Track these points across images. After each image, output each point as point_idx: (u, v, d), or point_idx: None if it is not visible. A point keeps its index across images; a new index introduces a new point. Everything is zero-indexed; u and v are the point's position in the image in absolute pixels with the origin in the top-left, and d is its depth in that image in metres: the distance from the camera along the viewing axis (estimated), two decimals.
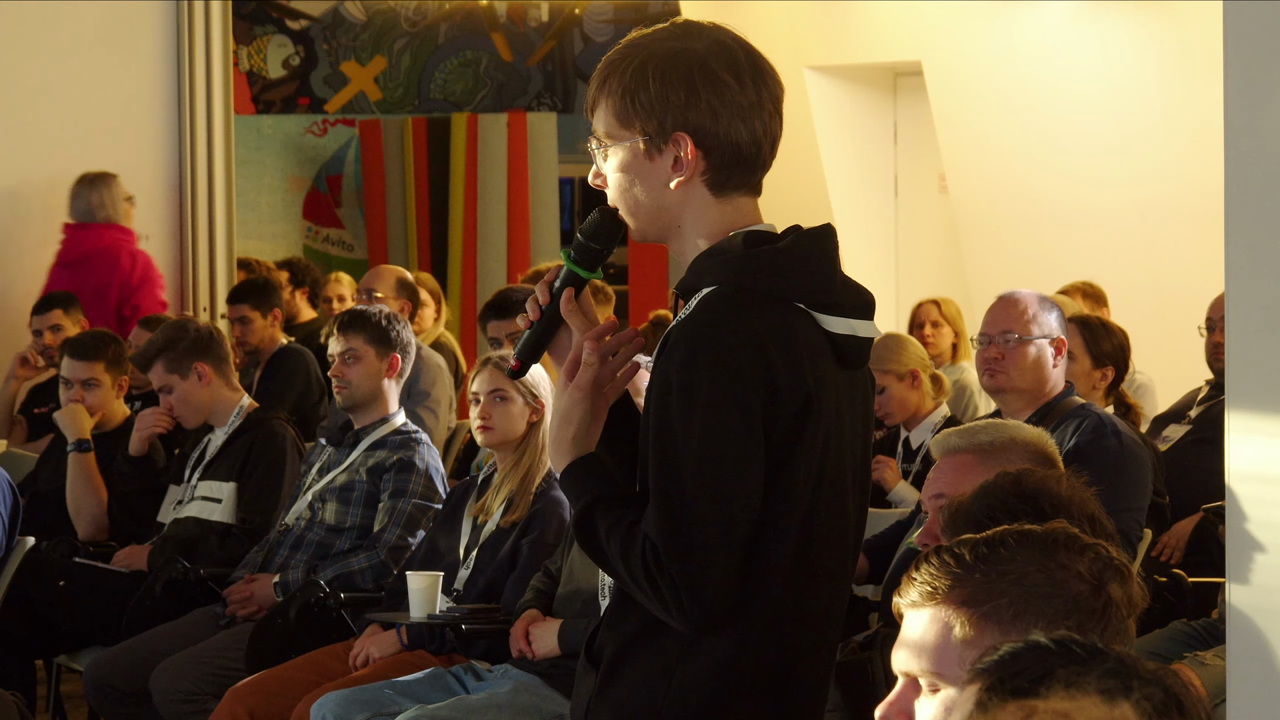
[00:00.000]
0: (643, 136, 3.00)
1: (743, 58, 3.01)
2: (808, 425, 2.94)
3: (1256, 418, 3.47)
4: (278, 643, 6.14)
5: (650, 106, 2.99)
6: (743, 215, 3.04)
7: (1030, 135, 10.75)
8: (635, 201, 3.04)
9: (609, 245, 3.10)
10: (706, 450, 2.89)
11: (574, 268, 3.10)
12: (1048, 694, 1.85)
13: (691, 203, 3.02)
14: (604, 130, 3.04)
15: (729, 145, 3.00)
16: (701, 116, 2.98)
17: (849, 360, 3.03)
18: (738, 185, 3.03)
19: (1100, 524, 3.25)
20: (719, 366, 2.89)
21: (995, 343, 5.86)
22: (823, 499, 3.00)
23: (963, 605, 2.29)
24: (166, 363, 7.00)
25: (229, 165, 10.58)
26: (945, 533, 3.27)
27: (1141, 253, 10.28)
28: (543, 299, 3.11)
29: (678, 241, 3.06)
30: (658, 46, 3.01)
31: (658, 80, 2.98)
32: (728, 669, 2.97)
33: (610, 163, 3.05)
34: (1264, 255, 3.42)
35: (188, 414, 7.03)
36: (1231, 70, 3.44)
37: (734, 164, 3.01)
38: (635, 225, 3.07)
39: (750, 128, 3.00)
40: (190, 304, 10.42)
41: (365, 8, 15.46)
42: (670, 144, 2.99)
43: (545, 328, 3.13)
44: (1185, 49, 10.03)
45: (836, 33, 11.77)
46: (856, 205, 11.90)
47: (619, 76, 3.01)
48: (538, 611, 5.60)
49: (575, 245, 3.11)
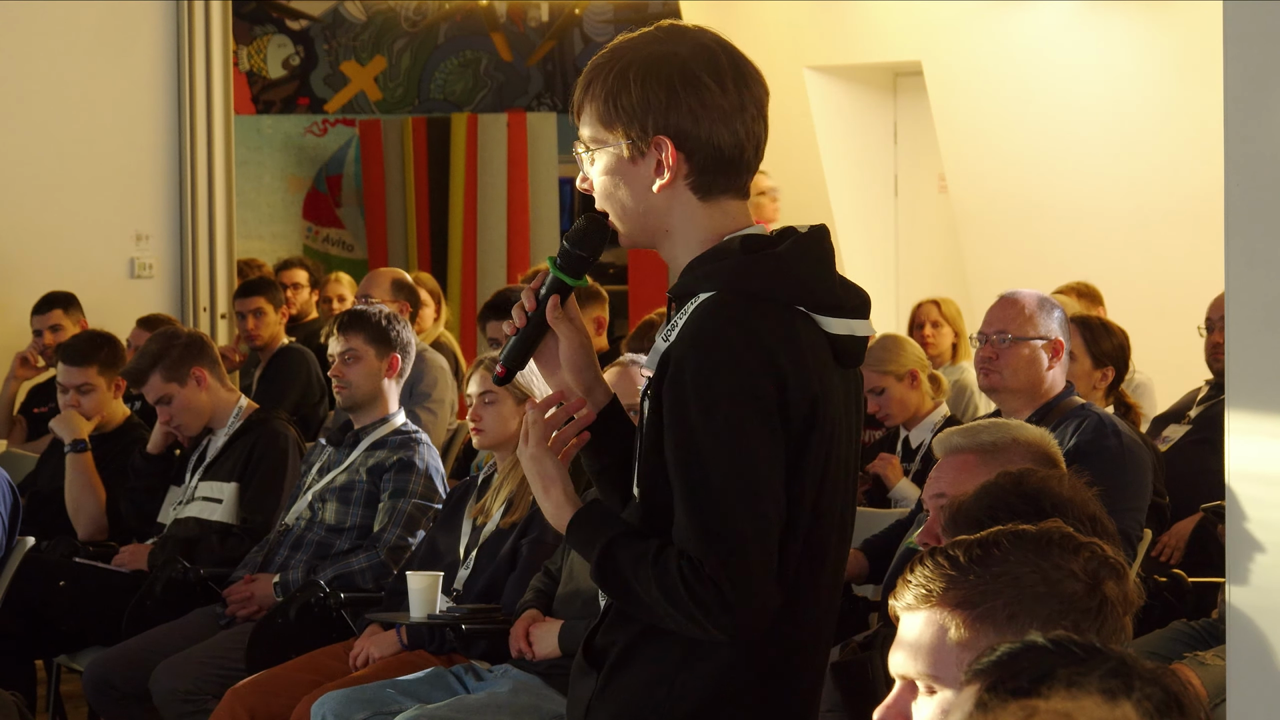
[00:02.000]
0: (626, 140, 3.00)
1: (725, 61, 3.00)
2: (816, 429, 2.95)
3: (1256, 418, 3.47)
4: (278, 643, 6.13)
5: (632, 110, 2.98)
6: (732, 219, 3.04)
7: (1030, 135, 10.75)
8: (621, 206, 3.04)
9: (595, 252, 3.09)
10: (735, 459, 2.88)
11: (560, 274, 3.09)
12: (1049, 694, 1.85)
13: (678, 207, 3.02)
14: (589, 134, 3.04)
15: (710, 148, 2.99)
16: (682, 119, 2.98)
17: (846, 360, 3.04)
18: (724, 188, 3.02)
19: (1101, 524, 3.25)
20: (734, 375, 2.89)
21: (991, 342, 5.86)
22: (824, 500, 3.01)
23: (958, 607, 2.29)
24: (163, 373, 6.97)
25: (229, 165, 10.58)
26: (946, 532, 3.27)
27: (1141, 252, 10.28)
28: (529, 305, 3.10)
29: (667, 246, 3.05)
30: (641, 50, 3.00)
31: (639, 84, 2.98)
32: (730, 670, 2.98)
33: (596, 167, 3.05)
34: (1264, 255, 3.42)
35: (189, 420, 7.02)
36: (1231, 70, 3.44)
37: (717, 167, 3.00)
38: (623, 230, 3.07)
39: (732, 130, 3.00)
40: (190, 304, 10.42)
41: (365, 8, 15.46)
42: (652, 147, 2.99)
43: (531, 334, 3.12)
44: (1185, 49, 10.03)
45: (836, 33, 11.77)
46: (856, 205, 11.90)
47: (602, 80, 3.01)
48: (538, 612, 5.60)
49: (561, 252, 3.10)
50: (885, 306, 11.47)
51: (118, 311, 9.62)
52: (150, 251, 10.28)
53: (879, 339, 7.47)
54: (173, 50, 10.42)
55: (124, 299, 10.11)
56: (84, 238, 10.22)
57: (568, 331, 3.10)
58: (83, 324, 9.10)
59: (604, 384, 3.16)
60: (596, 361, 3.16)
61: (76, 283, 9.57)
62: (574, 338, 3.11)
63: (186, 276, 10.46)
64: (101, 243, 10.28)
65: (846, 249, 11.73)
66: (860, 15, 11.64)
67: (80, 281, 9.65)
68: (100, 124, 10.25)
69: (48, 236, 10.08)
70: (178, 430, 7.10)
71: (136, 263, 10.37)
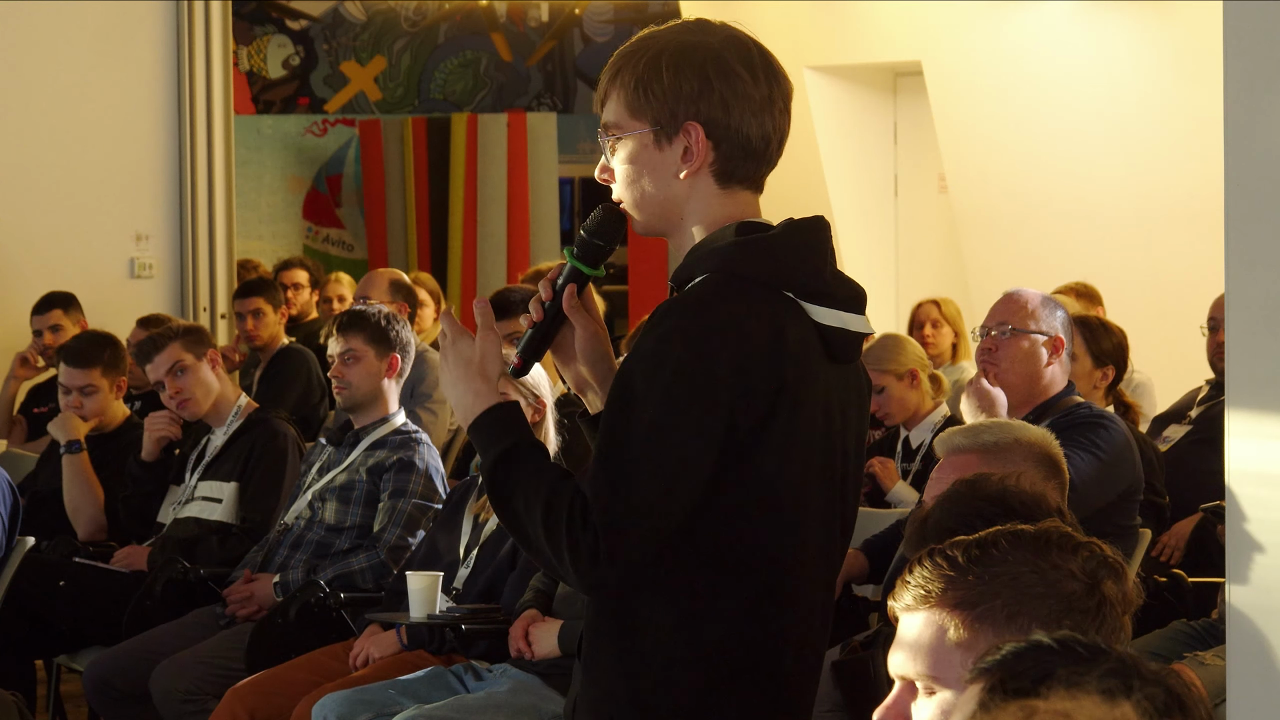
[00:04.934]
0: (653, 127, 3.00)
1: (756, 54, 3.02)
2: (779, 415, 2.93)
3: (1256, 418, 3.47)
4: (278, 643, 6.13)
5: (663, 96, 2.99)
6: (743, 209, 3.05)
7: (1030, 135, 10.76)
8: (642, 193, 3.04)
9: (613, 241, 3.10)
10: (661, 419, 2.88)
11: (577, 264, 3.10)
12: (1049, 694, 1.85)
13: (697, 195, 3.02)
14: (614, 121, 3.04)
15: (739, 137, 3.00)
16: (713, 108, 2.99)
17: (839, 354, 3.03)
18: (742, 178, 3.04)
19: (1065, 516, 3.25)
20: (692, 343, 2.89)
21: (990, 334, 5.86)
22: (812, 492, 2.99)
23: (957, 608, 2.29)
24: (184, 343, 6.94)
25: (229, 165, 10.58)
26: (910, 546, 3.27)
27: (1141, 252, 10.28)
28: (545, 296, 3.10)
29: (679, 235, 3.06)
30: (672, 40, 3.02)
31: (671, 71, 2.99)
32: (713, 656, 2.96)
33: (619, 155, 3.04)
34: (1264, 255, 3.42)
35: (198, 396, 6.95)
36: (1231, 70, 3.44)
37: (742, 157, 3.01)
38: (640, 218, 3.07)
39: (761, 123, 3.01)
40: (190, 304, 10.42)
41: (365, 8, 15.46)
42: (681, 134, 2.99)
43: (549, 326, 3.12)
44: (1185, 49, 10.03)
45: (836, 33, 11.78)
46: (856, 205, 11.91)
47: (632, 68, 3.01)
48: (537, 611, 5.60)
49: (579, 242, 3.10)
50: (885, 306, 11.48)
51: (118, 311, 9.62)
52: (150, 251, 10.29)
53: (879, 339, 7.47)
54: (173, 50, 10.42)
55: (124, 299, 10.11)
56: (84, 238, 10.23)
57: (584, 322, 3.11)
58: (82, 324, 9.09)
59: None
60: (612, 353, 3.17)
61: (76, 283, 9.57)
62: (590, 328, 3.11)
63: (186, 276, 10.46)
64: (101, 243, 10.28)
65: (846, 249, 11.74)
66: (860, 15, 11.65)
67: (80, 281, 9.65)
68: (100, 124, 10.25)
69: (48, 236, 10.08)
70: (181, 409, 7.00)
71: (136, 263, 10.37)
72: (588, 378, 3.13)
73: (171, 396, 6.98)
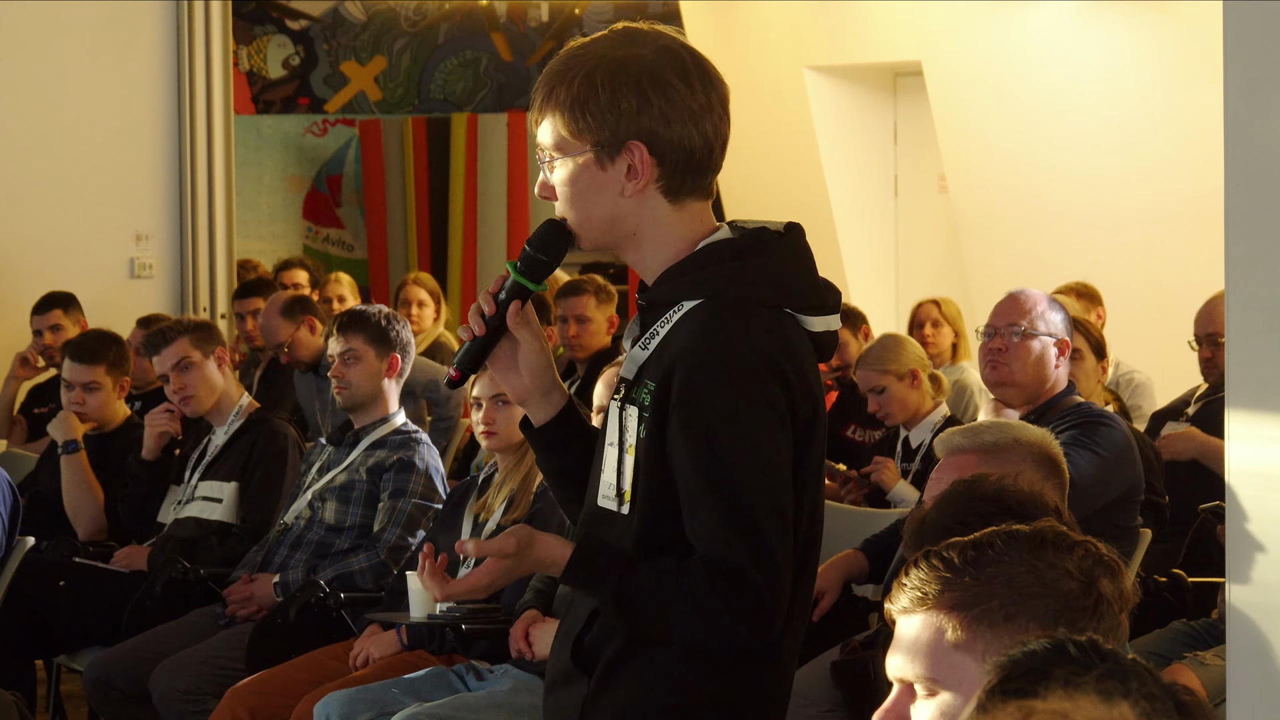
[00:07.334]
0: (594, 148, 2.96)
1: (689, 62, 2.98)
2: (816, 430, 2.97)
3: (1256, 418, 3.47)
4: (278, 643, 6.13)
5: (601, 116, 2.94)
6: (700, 222, 3.02)
7: (1030, 135, 10.76)
8: (586, 213, 3.00)
9: (557, 257, 3.07)
10: (760, 465, 2.89)
11: (520, 279, 3.07)
12: (1046, 694, 1.85)
13: (647, 211, 2.99)
14: (552, 142, 2.99)
15: (682, 150, 2.96)
16: (654, 123, 2.95)
17: (825, 354, 3.06)
18: (691, 190, 3.00)
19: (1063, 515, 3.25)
20: (750, 384, 2.89)
21: (1000, 334, 5.86)
22: (818, 497, 3.05)
23: (954, 609, 2.29)
24: (193, 338, 6.96)
25: (229, 165, 10.58)
26: (909, 547, 3.27)
27: (1141, 252, 10.28)
28: (487, 310, 3.08)
29: (634, 251, 3.03)
30: (603, 55, 2.96)
31: (607, 89, 2.94)
32: (729, 667, 2.98)
33: (559, 175, 3.00)
34: (1264, 255, 3.42)
35: (202, 394, 6.96)
36: (1231, 70, 3.44)
37: (687, 169, 2.98)
38: (586, 236, 3.03)
39: (702, 131, 2.97)
40: (190, 304, 10.42)
41: (365, 8, 15.46)
42: (624, 152, 2.96)
43: (490, 339, 3.09)
44: (1185, 49, 10.03)
45: (836, 33, 11.77)
46: (856, 205, 11.91)
47: (566, 87, 2.96)
48: (538, 612, 5.60)
49: (523, 257, 3.07)
50: (885, 306, 11.48)
51: (118, 311, 9.61)
52: (150, 251, 10.29)
53: (879, 338, 7.49)
54: (173, 50, 10.42)
55: (124, 299, 10.11)
56: (84, 238, 10.23)
57: (528, 336, 3.09)
58: (83, 324, 9.09)
59: (561, 387, 3.15)
60: (554, 364, 3.16)
61: (76, 283, 9.56)
62: (534, 342, 3.09)
63: (186, 276, 10.46)
64: (101, 243, 10.28)
65: (846, 249, 11.74)
66: (860, 15, 11.64)
67: (80, 281, 9.65)
68: (100, 124, 10.25)
69: (48, 236, 10.08)
70: (184, 405, 7.01)
71: (136, 263, 10.37)
72: (530, 389, 3.12)
73: (175, 391, 6.98)
